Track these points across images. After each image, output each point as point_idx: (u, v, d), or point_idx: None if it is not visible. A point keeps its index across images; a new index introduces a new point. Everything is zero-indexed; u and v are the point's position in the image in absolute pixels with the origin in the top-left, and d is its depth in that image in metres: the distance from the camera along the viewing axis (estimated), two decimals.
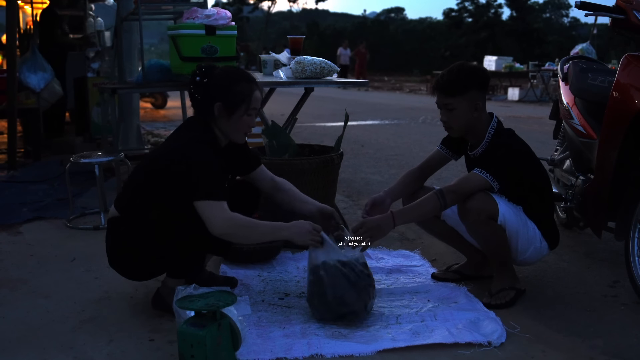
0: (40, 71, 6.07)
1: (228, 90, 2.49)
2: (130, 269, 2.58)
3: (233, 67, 2.64)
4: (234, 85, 2.49)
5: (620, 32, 2.93)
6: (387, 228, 2.59)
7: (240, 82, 2.51)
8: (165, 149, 2.54)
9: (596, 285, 2.99)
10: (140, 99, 9.20)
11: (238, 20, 34.04)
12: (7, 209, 4.35)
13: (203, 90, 2.51)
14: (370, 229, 2.57)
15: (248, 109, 2.51)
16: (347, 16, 75.11)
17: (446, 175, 5.25)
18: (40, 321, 2.57)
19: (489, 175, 2.59)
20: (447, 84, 2.68)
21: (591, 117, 3.30)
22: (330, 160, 3.54)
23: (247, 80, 2.53)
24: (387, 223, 2.59)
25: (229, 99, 2.48)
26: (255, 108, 2.53)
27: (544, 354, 2.28)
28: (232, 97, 2.48)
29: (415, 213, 2.67)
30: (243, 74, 2.59)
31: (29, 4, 8.09)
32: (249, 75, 2.59)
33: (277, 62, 3.97)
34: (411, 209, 2.66)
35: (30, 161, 6.18)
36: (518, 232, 2.68)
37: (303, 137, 7.78)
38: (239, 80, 2.51)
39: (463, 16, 41.75)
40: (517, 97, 16.42)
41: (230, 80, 2.50)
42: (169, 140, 2.59)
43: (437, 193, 2.60)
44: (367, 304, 2.50)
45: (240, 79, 2.52)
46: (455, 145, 2.95)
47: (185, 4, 4.56)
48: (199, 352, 2.04)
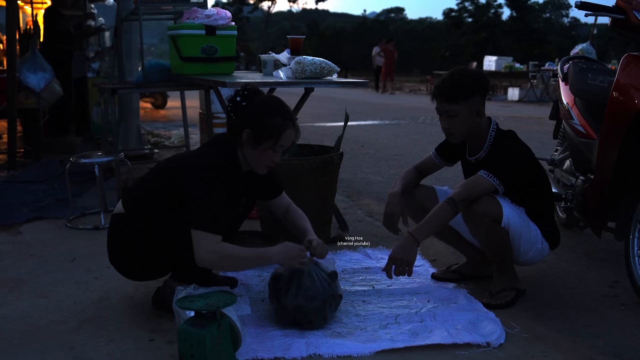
0: (40, 71, 6.07)
1: (261, 120, 2.43)
2: (130, 269, 2.58)
3: (276, 99, 2.55)
4: (269, 118, 2.44)
5: (620, 32, 2.93)
6: (413, 250, 2.55)
7: (275, 117, 2.45)
8: (185, 161, 2.48)
9: (596, 285, 2.99)
10: (140, 99, 9.21)
11: (238, 20, 34.03)
12: (7, 209, 4.35)
13: (239, 113, 2.47)
14: (401, 262, 2.54)
15: (275, 145, 2.46)
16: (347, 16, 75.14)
17: (445, 175, 5.25)
18: (40, 321, 2.57)
19: (495, 179, 2.58)
20: (448, 90, 2.64)
21: (591, 117, 3.30)
22: (330, 160, 3.54)
23: (283, 116, 2.47)
24: (411, 245, 2.55)
25: (260, 129, 2.43)
26: (282, 145, 2.48)
27: (544, 354, 2.28)
28: (263, 128, 2.43)
29: (432, 225, 2.62)
30: (282, 109, 2.51)
31: (29, 4, 8.09)
32: (288, 111, 2.52)
33: (277, 62, 3.97)
34: (427, 223, 2.61)
35: (30, 161, 6.18)
36: (521, 234, 2.68)
37: (303, 137, 7.73)
38: (275, 115, 2.45)
39: (463, 16, 41.73)
40: (517, 97, 16.43)
41: (267, 112, 2.45)
42: (193, 153, 2.58)
43: (449, 202, 2.58)
44: (327, 316, 2.48)
45: (277, 114, 2.46)
46: (449, 153, 2.96)
47: (185, 4, 4.56)
48: (199, 352, 2.04)
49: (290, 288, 2.43)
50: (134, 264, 2.54)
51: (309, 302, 2.41)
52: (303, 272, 2.44)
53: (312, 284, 2.43)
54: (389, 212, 2.82)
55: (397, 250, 2.55)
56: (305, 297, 2.41)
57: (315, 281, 2.44)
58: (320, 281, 2.45)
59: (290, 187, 3.41)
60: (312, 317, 2.42)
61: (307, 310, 2.41)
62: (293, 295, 2.42)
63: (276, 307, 2.50)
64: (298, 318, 2.43)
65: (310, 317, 2.42)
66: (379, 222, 4.13)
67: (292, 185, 3.43)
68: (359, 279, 3.04)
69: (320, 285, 2.44)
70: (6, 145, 6.00)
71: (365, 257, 3.36)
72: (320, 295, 2.43)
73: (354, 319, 2.56)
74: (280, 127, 2.45)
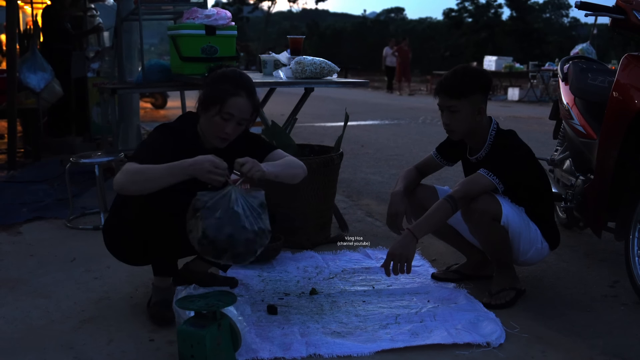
0: (40, 71, 6.07)
1: (211, 85, 2.44)
2: (120, 251, 2.61)
3: (235, 70, 2.54)
4: (218, 83, 2.41)
5: (620, 32, 2.93)
6: (412, 246, 2.55)
7: (225, 83, 2.41)
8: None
9: (596, 285, 2.99)
10: (140, 99, 9.20)
11: (238, 20, 34.04)
12: (7, 209, 4.35)
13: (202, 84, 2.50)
14: (399, 258, 2.53)
15: (221, 111, 2.38)
16: (347, 16, 75.07)
17: (446, 175, 5.25)
18: (40, 321, 2.57)
19: (494, 177, 2.59)
20: (451, 86, 2.66)
21: (591, 117, 3.30)
22: (330, 160, 3.54)
23: (234, 85, 2.41)
24: (410, 242, 2.55)
25: (207, 93, 2.43)
26: (229, 113, 2.38)
27: (544, 354, 2.28)
28: (210, 93, 2.42)
29: (430, 222, 2.62)
30: (236, 78, 2.45)
31: (29, 4, 8.09)
32: (242, 81, 2.45)
33: (277, 62, 3.97)
34: (426, 220, 2.61)
35: (30, 161, 6.18)
36: (520, 233, 2.68)
37: (303, 137, 7.78)
38: (225, 81, 2.42)
39: (463, 16, 41.71)
40: (517, 97, 16.43)
41: (219, 78, 2.44)
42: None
43: (448, 200, 2.59)
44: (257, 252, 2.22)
45: (228, 81, 2.42)
46: (450, 153, 2.96)
47: (185, 4, 4.56)
48: (199, 352, 2.04)
49: (216, 216, 2.13)
50: (122, 245, 2.56)
51: (239, 232, 2.13)
52: (230, 199, 2.15)
53: (242, 212, 2.16)
54: (393, 212, 2.82)
55: (396, 247, 2.56)
56: (234, 225, 2.13)
57: (245, 209, 2.17)
58: (250, 210, 2.19)
59: (290, 187, 3.41)
60: (242, 250, 2.16)
61: (237, 241, 2.13)
62: (221, 223, 2.12)
63: (199, 239, 2.14)
64: (226, 251, 2.14)
65: (239, 249, 2.15)
66: (379, 222, 4.13)
67: (292, 185, 3.42)
68: (359, 279, 3.05)
69: (251, 215, 2.18)
70: (6, 145, 6.00)
71: (365, 257, 3.36)
72: (252, 225, 2.16)
73: (354, 318, 2.56)
74: (228, 93, 2.38)
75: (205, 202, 2.15)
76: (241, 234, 2.14)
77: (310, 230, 3.56)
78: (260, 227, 2.19)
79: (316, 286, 2.91)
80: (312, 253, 3.42)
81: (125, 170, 2.22)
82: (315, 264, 3.24)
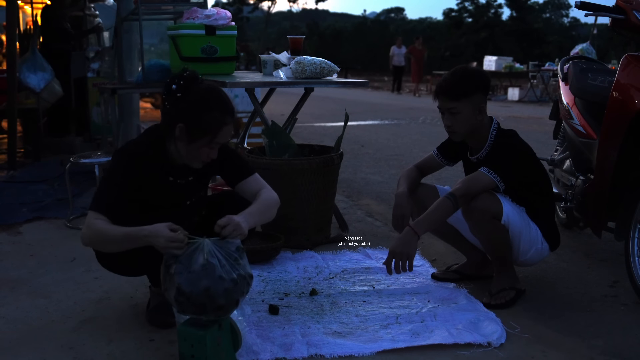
0: (40, 71, 6.06)
1: (196, 116, 2.20)
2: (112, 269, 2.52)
3: (214, 90, 2.28)
4: (205, 113, 2.20)
5: (620, 32, 2.93)
6: (413, 243, 2.55)
7: (212, 112, 2.21)
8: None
9: (596, 285, 2.99)
10: (140, 99, 9.20)
11: (238, 20, 34.04)
12: (7, 209, 4.35)
13: (173, 103, 2.24)
14: (401, 255, 2.53)
15: (211, 142, 2.24)
16: (347, 16, 75.02)
17: (446, 175, 5.25)
18: (40, 321, 2.57)
19: (495, 176, 2.59)
20: (451, 87, 2.66)
21: (591, 117, 3.30)
22: (330, 160, 3.54)
23: (221, 111, 2.23)
24: (411, 239, 2.55)
25: (194, 125, 2.21)
26: (219, 142, 2.27)
27: (544, 354, 2.28)
28: (198, 125, 2.21)
29: (432, 219, 2.62)
30: (220, 102, 2.25)
31: (29, 4, 8.09)
32: (226, 105, 2.27)
33: (277, 62, 3.97)
34: (427, 217, 2.61)
35: (30, 161, 6.17)
36: (521, 233, 2.68)
37: (303, 137, 7.78)
38: (212, 109, 2.21)
39: (463, 16, 41.73)
40: (517, 97, 16.44)
41: (204, 106, 2.21)
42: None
43: (449, 197, 2.59)
44: (239, 301, 2.12)
45: (214, 108, 2.21)
46: (451, 152, 2.96)
47: (185, 4, 4.56)
48: (199, 352, 2.04)
49: (190, 270, 2.04)
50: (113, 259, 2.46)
51: (216, 283, 2.02)
52: (203, 250, 2.06)
53: (218, 262, 2.05)
54: (399, 213, 2.80)
55: (397, 244, 2.55)
56: (211, 277, 2.02)
57: (221, 259, 2.06)
58: (226, 258, 2.08)
59: (290, 187, 3.42)
60: (222, 302, 2.04)
61: (215, 293, 2.02)
62: (196, 277, 2.02)
63: (175, 296, 2.04)
64: (205, 305, 2.03)
65: (220, 301, 2.03)
66: (379, 222, 4.13)
67: (292, 185, 3.43)
68: (359, 279, 3.05)
69: (227, 263, 2.07)
70: (6, 145, 6.00)
71: (365, 257, 3.36)
72: (229, 273, 2.05)
73: (355, 319, 2.56)
74: (218, 123, 2.22)
75: (177, 256, 2.07)
76: (218, 285, 2.03)
77: (310, 230, 3.56)
78: (240, 274, 2.08)
79: (316, 286, 2.91)
80: (312, 253, 3.42)
81: (88, 225, 2.20)
82: (315, 264, 3.24)
